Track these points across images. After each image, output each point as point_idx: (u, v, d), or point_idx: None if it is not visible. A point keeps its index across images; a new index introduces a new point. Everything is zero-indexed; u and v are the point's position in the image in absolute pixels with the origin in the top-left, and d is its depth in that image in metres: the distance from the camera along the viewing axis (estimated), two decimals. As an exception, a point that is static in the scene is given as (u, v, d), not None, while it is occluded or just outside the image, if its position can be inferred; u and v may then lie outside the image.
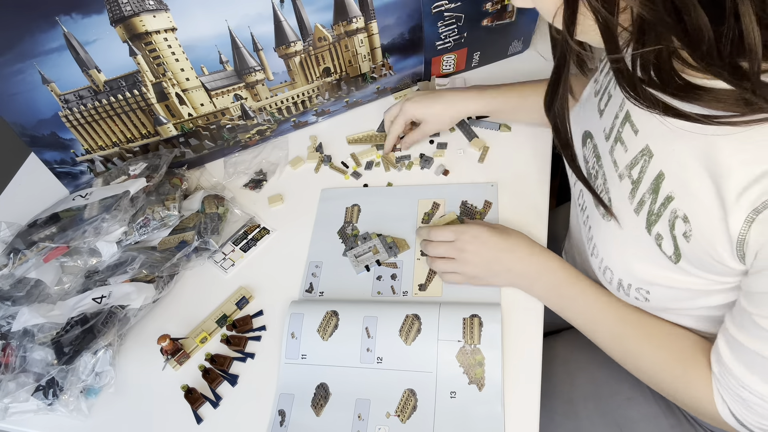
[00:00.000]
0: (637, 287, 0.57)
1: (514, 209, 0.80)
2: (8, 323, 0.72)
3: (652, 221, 0.52)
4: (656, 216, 0.52)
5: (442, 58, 0.95)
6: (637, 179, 0.54)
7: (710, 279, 0.50)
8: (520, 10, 0.90)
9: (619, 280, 0.59)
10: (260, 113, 0.92)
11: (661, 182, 0.51)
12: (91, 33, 0.73)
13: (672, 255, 0.51)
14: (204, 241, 0.81)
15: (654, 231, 0.52)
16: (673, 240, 0.50)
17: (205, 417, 0.68)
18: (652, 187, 0.52)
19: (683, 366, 0.57)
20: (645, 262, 0.54)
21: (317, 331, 0.70)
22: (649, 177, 0.52)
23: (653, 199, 0.52)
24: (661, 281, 0.54)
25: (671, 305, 0.58)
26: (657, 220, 0.52)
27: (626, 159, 0.56)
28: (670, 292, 0.55)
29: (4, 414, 0.69)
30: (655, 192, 0.52)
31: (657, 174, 0.51)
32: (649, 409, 0.72)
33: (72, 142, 0.84)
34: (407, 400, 0.65)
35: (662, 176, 0.51)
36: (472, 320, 0.67)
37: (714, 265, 0.48)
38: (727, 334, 0.51)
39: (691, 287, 0.52)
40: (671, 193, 0.50)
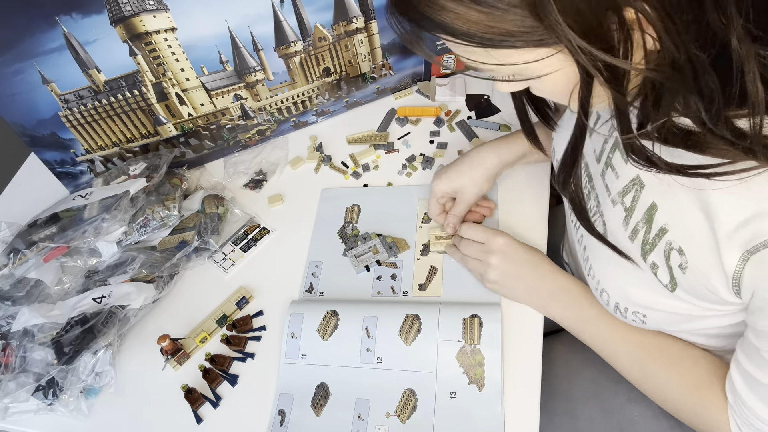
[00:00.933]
0: (633, 311, 0.57)
1: (514, 209, 0.80)
2: (8, 323, 0.72)
3: (647, 250, 0.52)
4: (651, 246, 0.52)
5: (442, 58, 0.95)
6: (630, 207, 0.54)
7: (707, 307, 0.50)
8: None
9: (616, 303, 0.59)
10: (260, 113, 0.92)
11: (654, 213, 0.51)
12: (91, 33, 0.73)
13: (668, 284, 0.51)
14: (204, 241, 0.81)
15: (649, 260, 0.52)
16: (668, 270, 0.50)
17: (205, 417, 0.68)
18: (645, 217, 0.52)
19: (699, 393, 0.57)
20: (641, 287, 0.55)
21: (317, 331, 0.70)
22: (641, 206, 0.52)
23: (647, 228, 0.52)
24: (658, 306, 0.54)
25: (668, 328, 0.59)
26: (652, 249, 0.52)
27: (618, 186, 0.56)
28: (667, 317, 0.55)
29: (4, 414, 0.69)
30: (648, 222, 0.52)
31: (650, 205, 0.51)
32: (649, 410, 0.72)
33: (72, 142, 0.84)
34: (407, 400, 0.65)
35: (655, 207, 0.51)
36: (472, 320, 0.67)
37: (710, 296, 0.48)
38: (740, 365, 0.51)
39: (688, 313, 0.52)
40: (665, 225, 0.50)
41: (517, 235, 0.76)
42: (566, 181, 0.53)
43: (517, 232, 0.77)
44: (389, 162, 0.90)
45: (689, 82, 0.37)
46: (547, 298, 0.69)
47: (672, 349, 0.60)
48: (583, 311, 0.66)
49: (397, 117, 0.96)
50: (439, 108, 0.94)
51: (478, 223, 0.77)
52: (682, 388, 0.59)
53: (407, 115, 0.95)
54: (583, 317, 0.66)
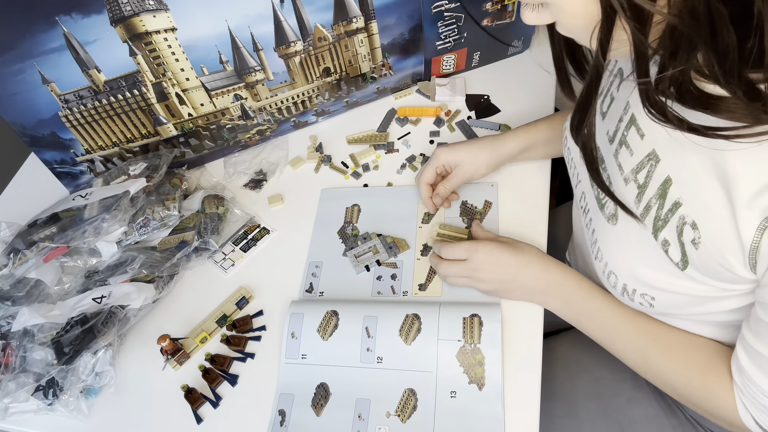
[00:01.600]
0: (641, 292, 0.57)
1: (514, 209, 0.80)
2: (8, 323, 0.72)
3: (659, 227, 0.52)
4: (663, 222, 0.51)
5: (442, 58, 0.95)
6: (643, 184, 0.53)
7: (717, 286, 0.49)
8: (520, 10, 0.90)
9: (624, 285, 0.58)
10: (260, 113, 0.92)
11: (668, 188, 0.50)
12: (91, 33, 0.73)
13: (679, 262, 0.50)
14: (204, 241, 0.81)
15: (661, 237, 0.52)
16: (680, 247, 0.50)
17: (205, 417, 0.68)
18: (659, 193, 0.51)
19: (705, 376, 0.57)
20: (650, 267, 0.54)
21: (317, 330, 0.70)
22: (655, 182, 0.52)
23: (660, 204, 0.51)
24: (667, 287, 0.54)
25: (676, 311, 0.58)
26: (664, 226, 0.51)
27: (632, 163, 0.55)
28: (676, 298, 0.55)
29: (4, 414, 0.69)
30: (662, 197, 0.51)
31: (664, 179, 0.51)
32: (650, 410, 0.72)
33: (72, 142, 0.84)
34: (407, 400, 0.65)
35: (669, 181, 0.50)
36: (472, 320, 0.67)
37: (722, 273, 0.47)
38: (746, 343, 0.51)
39: (697, 294, 0.52)
40: (679, 198, 0.49)
41: (517, 235, 0.76)
42: (580, 126, 0.52)
43: (518, 231, 0.77)
44: (389, 162, 0.90)
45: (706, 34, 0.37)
46: (545, 294, 0.69)
47: (673, 335, 0.60)
48: (580, 303, 0.66)
49: (397, 117, 0.96)
50: (439, 108, 0.94)
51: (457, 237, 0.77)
52: (686, 373, 0.58)
53: (407, 115, 0.95)
54: (580, 310, 0.67)
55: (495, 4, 0.88)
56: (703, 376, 0.57)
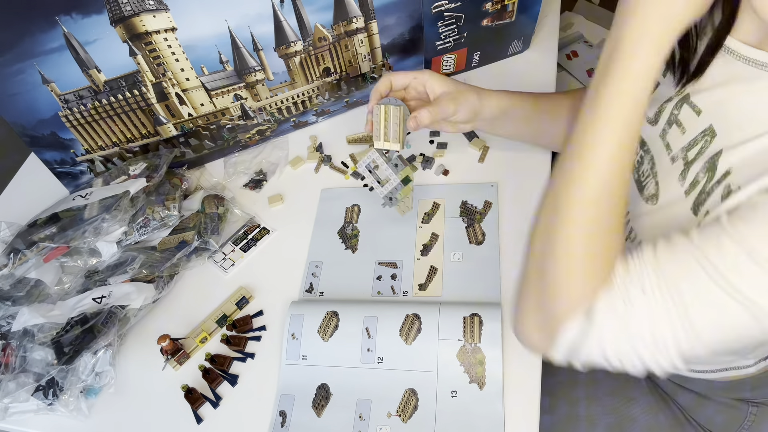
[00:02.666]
0: None
1: (514, 209, 0.80)
2: (8, 323, 0.72)
3: (702, 200, 0.50)
4: (707, 194, 0.50)
5: (442, 58, 0.95)
6: (692, 159, 0.53)
7: None
8: (520, 10, 0.90)
9: None
10: (260, 113, 0.92)
11: (717, 159, 0.49)
12: (91, 33, 0.73)
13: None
14: (204, 241, 0.81)
15: (702, 210, 0.50)
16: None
17: (205, 417, 0.68)
18: (707, 166, 0.51)
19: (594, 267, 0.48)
20: None
21: (317, 331, 0.70)
22: (706, 156, 0.51)
23: (709, 176, 0.50)
24: None
25: None
26: (707, 198, 0.50)
27: (684, 141, 0.55)
28: None
29: (4, 414, 0.69)
30: (710, 170, 0.50)
31: (716, 152, 0.50)
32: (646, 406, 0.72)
33: (72, 142, 0.84)
34: (408, 400, 0.65)
35: (720, 154, 0.49)
36: (473, 319, 0.67)
37: None
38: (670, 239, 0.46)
39: None
40: (729, 168, 0.48)
41: (518, 236, 0.76)
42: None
43: (518, 231, 0.77)
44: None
45: None
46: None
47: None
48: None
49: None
50: None
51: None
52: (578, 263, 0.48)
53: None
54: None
55: (495, 4, 0.88)
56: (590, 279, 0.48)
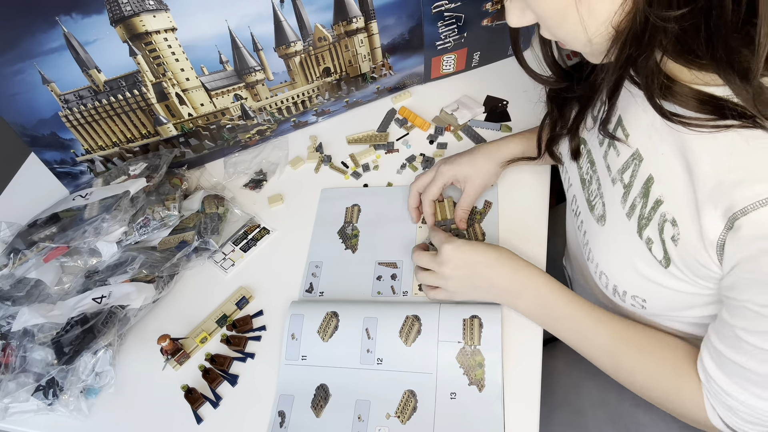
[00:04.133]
0: (632, 294, 0.57)
1: (513, 209, 0.80)
2: (8, 323, 0.72)
3: (643, 225, 0.53)
4: (647, 220, 0.52)
5: (442, 58, 0.95)
6: (629, 183, 0.55)
7: (701, 284, 0.50)
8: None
9: (614, 286, 0.59)
10: (260, 113, 0.92)
11: (650, 186, 0.51)
12: (91, 33, 0.73)
13: (662, 259, 0.51)
14: (204, 241, 0.81)
15: (645, 235, 0.52)
16: (662, 244, 0.50)
17: (205, 417, 0.69)
18: (642, 191, 0.52)
19: (674, 377, 0.57)
20: (637, 267, 0.55)
21: (317, 332, 0.70)
22: (639, 181, 0.53)
23: (644, 203, 0.52)
24: (654, 287, 0.54)
25: (668, 313, 0.58)
26: (647, 224, 0.52)
27: (618, 163, 0.56)
28: (665, 300, 0.55)
29: (4, 414, 0.69)
30: (645, 196, 0.52)
31: (647, 178, 0.52)
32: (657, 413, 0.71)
33: (72, 142, 0.84)
34: (407, 401, 0.65)
35: (651, 180, 0.51)
36: (472, 321, 0.67)
37: (700, 269, 0.48)
38: (710, 344, 0.51)
39: (684, 291, 0.52)
40: (660, 196, 0.50)
41: (518, 236, 0.76)
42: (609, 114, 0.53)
43: (518, 231, 0.77)
44: (389, 162, 0.90)
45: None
46: (513, 294, 0.67)
47: (645, 336, 0.60)
48: (551, 306, 0.65)
49: (397, 117, 0.95)
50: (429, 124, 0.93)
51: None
52: (656, 375, 0.59)
53: (406, 116, 0.95)
54: (550, 312, 0.65)
55: (495, 4, 0.88)
56: (673, 376, 0.57)
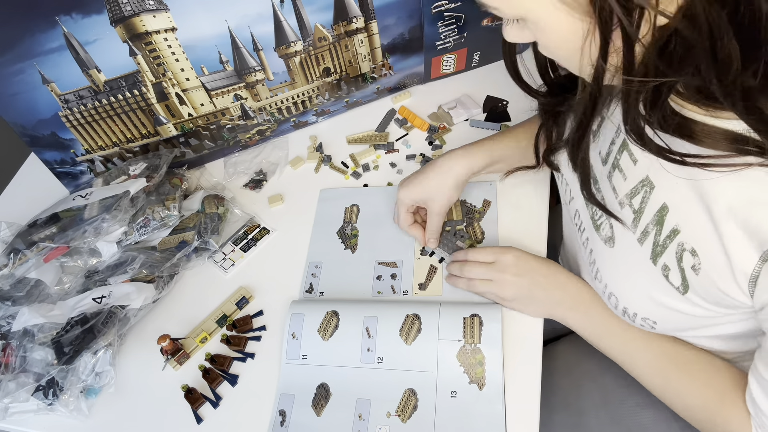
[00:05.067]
0: (642, 316, 0.57)
1: (513, 208, 0.80)
2: (8, 323, 0.72)
3: (658, 252, 0.51)
4: (662, 248, 0.50)
5: (442, 58, 0.95)
6: (639, 209, 0.53)
7: (718, 311, 0.49)
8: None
9: (624, 308, 0.58)
10: (260, 113, 0.92)
11: (665, 215, 0.50)
12: (91, 33, 0.73)
13: (680, 287, 0.50)
14: (204, 241, 0.81)
15: (660, 262, 0.51)
16: (681, 272, 0.49)
17: (205, 417, 0.68)
18: (656, 219, 0.51)
19: (722, 403, 0.56)
20: (651, 291, 0.53)
21: (318, 331, 0.70)
22: (651, 208, 0.51)
23: (658, 230, 0.51)
24: (667, 311, 0.53)
25: (677, 333, 0.58)
26: (663, 251, 0.50)
27: (626, 188, 0.55)
28: (677, 322, 0.54)
29: (4, 414, 0.68)
30: (659, 224, 0.50)
31: (660, 206, 0.50)
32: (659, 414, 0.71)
33: (72, 142, 0.84)
34: (408, 400, 0.65)
35: (666, 209, 0.49)
36: (473, 319, 0.67)
37: (724, 299, 0.47)
38: (758, 374, 0.50)
39: (698, 315, 0.51)
40: (677, 226, 0.48)
41: (517, 234, 0.76)
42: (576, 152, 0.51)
43: (518, 230, 0.77)
44: (389, 162, 0.90)
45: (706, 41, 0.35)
46: (564, 309, 0.67)
47: (693, 358, 0.59)
48: (601, 321, 0.65)
49: (397, 117, 0.96)
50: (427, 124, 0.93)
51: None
52: (704, 400, 0.57)
53: (406, 116, 0.95)
54: (601, 327, 0.65)
55: (495, 4, 0.88)
56: (720, 402, 0.56)
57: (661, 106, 0.41)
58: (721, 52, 0.35)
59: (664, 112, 0.41)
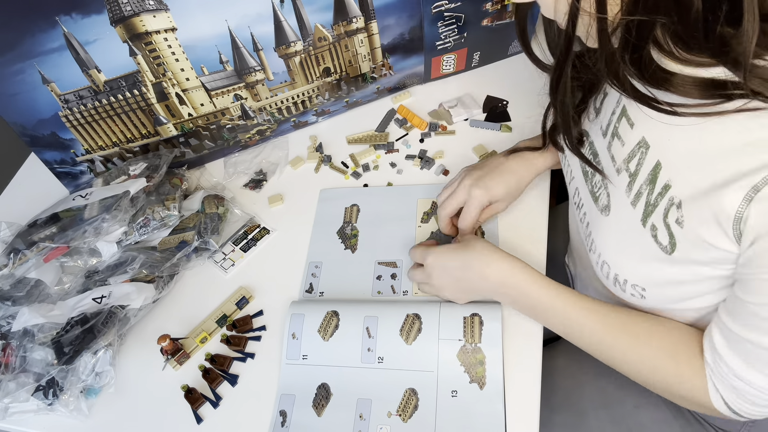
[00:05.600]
0: (632, 283, 0.57)
1: (513, 208, 0.80)
2: (8, 323, 0.72)
3: (649, 212, 0.52)
4: (653, 206, 0.52)
5: (442, 58, 0.95)
6: (635, 171, 0.54)
7: (705, 270, 0.49)
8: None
9: (615, 275, 0.59)
10: (260, 113, 0.92)
11: (658, 172, 0.51)
12: (91, 33, 0.73)
13: (667, 245, 0.51)
14: (204, 241, 0.81)
15: (649, 223, 0.52)
16: (667, 229, 0.50)
17: (205, 417, 0.68)
18: (649, 178, 0.52)
19: (675, 361, 0.56)
20: (640, 255, 0.54)
21: (318, 331, 0.70)
22: (646, 168, 0.53)
23: (650, 189, 0.52)
24: (656, 276, 0.54)
25: (666, 305, 0.58)
26: (653, 210, 0.52)
27: (623, 153, 0.56)
28: (666, 291, 0.54)
29: (4, 414, 0.68)
30: (652, 182, 0.52)
31: (654, 164, 0.51)
32: (658, 413, 0.71)
33: (72, 142, 0.84)
34: (408, 400, 0.65)
35: (659, 166, 0.51)
36: (473, 319, 0.67)
37: (710, 250, 0.47)
38: (721, 323, 0.50)
39: (684, 281, 0.52)
40: (668, 181, 0.50)
41: (517, 234, 0.76)
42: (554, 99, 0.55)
43: (518, 231, 0.77)
44: (389, 162, 0.90)
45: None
46: (495, 293, 0.66)
47: (640, 322, 0.59)
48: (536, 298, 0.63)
49: (396, 117, 0.96)
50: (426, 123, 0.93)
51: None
52: (655, 361, 0.57)
53: (405, 115, 0.95)
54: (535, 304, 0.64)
55: (495, 4, 0.88)
56: (673, 361, 0.56)
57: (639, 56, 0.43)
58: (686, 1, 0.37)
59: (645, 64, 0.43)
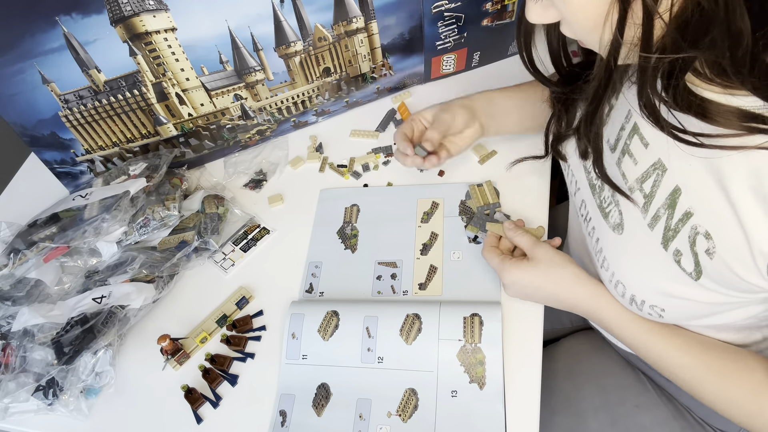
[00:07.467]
0: (651, 303, 0.55)
1: (514, 208, 0.80)
2: (8, 323, 0.72)
3: (670, 237, 0.50)
4: (674, 232, 0.50)
5: (442, 58, 0.95)
6: (650, 193, 0.52)
7: (732, 295, 0.48)
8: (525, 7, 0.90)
9: (632, 295, 0.57)
10: (260, 113, 0.92)
11: (677, 197, 0.49)
12: (91, 33, 0.73)
13: (692, 272, 0.49)
14: (204, 241, 0.81)
15: (671, 247, 0.50)
16: (694, 257, 0.48)
17: (205, 417, 0.68)
18: (668, 202, 0.50)
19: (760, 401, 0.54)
20: (660, 277, 0.53)
21: (318, 331, 0.70)
22: (663, 192, 0.50)
23: (670, 214, 0.50)
24: (678, 297, 0.52)
25: (687, 322, 0.57)
26: (675, 236, 0.50)
27: (636, 172, 0.54)
28: (687, 309, 0.53)
29: (4, 414, 0.68)
30: (671, 207, 0.50)
31: (673, 189, 0.49)
32: (658, 414, 0.71)
33: (72, 142, 0.84)
34: (408, 400, 0.65)
35: (678, 191, 0.49)
36: (473, 319, 0.67)
37: (740, 283, 0.46)
38: None
39: (709, 302, 0.51)
40: (690, 209, 0.48)
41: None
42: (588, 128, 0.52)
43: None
44: (389, 161, 0.90)
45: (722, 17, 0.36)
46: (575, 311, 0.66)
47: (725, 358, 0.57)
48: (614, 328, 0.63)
49: (396, 118, 0.95)
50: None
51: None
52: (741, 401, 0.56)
53: (403, 115, 0.95)
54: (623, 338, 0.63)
55: (495, 4, 0.88)
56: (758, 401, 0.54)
57: (676, 84, 0.41)
58: (734, 26, 0.36)
59: (679, 91, 0.42)
